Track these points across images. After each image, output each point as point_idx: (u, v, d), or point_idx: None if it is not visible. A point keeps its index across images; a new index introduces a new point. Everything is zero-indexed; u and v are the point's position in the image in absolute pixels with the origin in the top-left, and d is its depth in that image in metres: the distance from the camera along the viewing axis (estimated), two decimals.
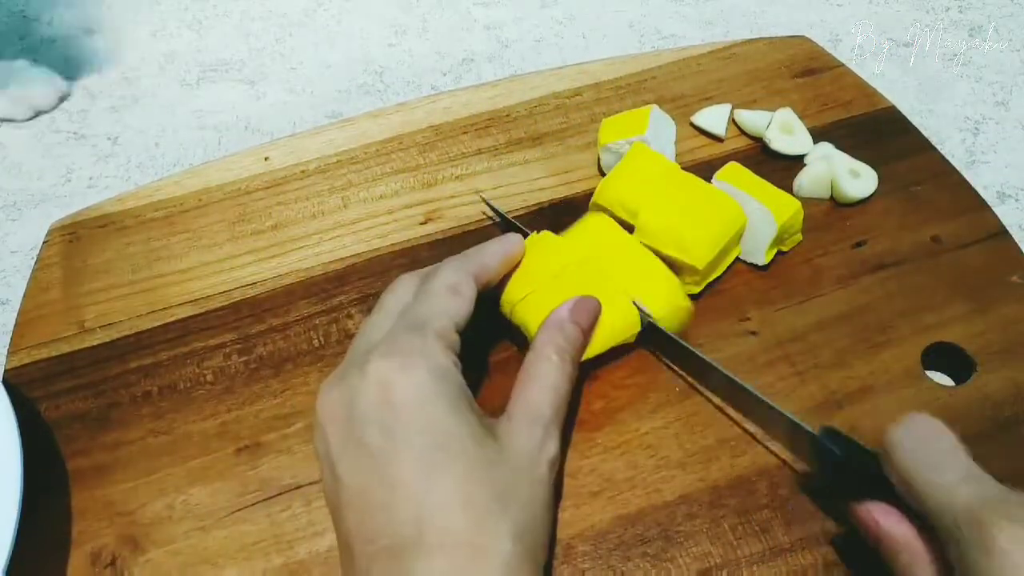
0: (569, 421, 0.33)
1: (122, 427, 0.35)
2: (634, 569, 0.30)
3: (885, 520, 0.26)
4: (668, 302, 0.34)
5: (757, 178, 0.38)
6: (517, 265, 0.34)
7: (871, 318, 0.37)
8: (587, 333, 0.32)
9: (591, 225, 0.36)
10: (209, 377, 0.36)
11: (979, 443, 0.26)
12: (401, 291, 0.32)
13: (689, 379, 0.35)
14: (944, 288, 0.37)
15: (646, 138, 0.40)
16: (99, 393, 0.36)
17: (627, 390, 0.35)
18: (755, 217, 0.37)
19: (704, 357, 0.33)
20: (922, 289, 0.38)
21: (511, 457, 0.27)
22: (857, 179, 0.41)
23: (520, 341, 0.35)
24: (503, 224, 0.41)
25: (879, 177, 0.41)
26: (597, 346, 0.32)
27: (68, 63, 0.58)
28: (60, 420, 0.35)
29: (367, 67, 0.57)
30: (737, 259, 0.38)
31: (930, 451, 0.25)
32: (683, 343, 0.33)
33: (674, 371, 0.35)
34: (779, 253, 0.39)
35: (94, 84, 0.57)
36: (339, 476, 0.27)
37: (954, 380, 0.35)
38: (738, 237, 0.37)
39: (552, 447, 0.28)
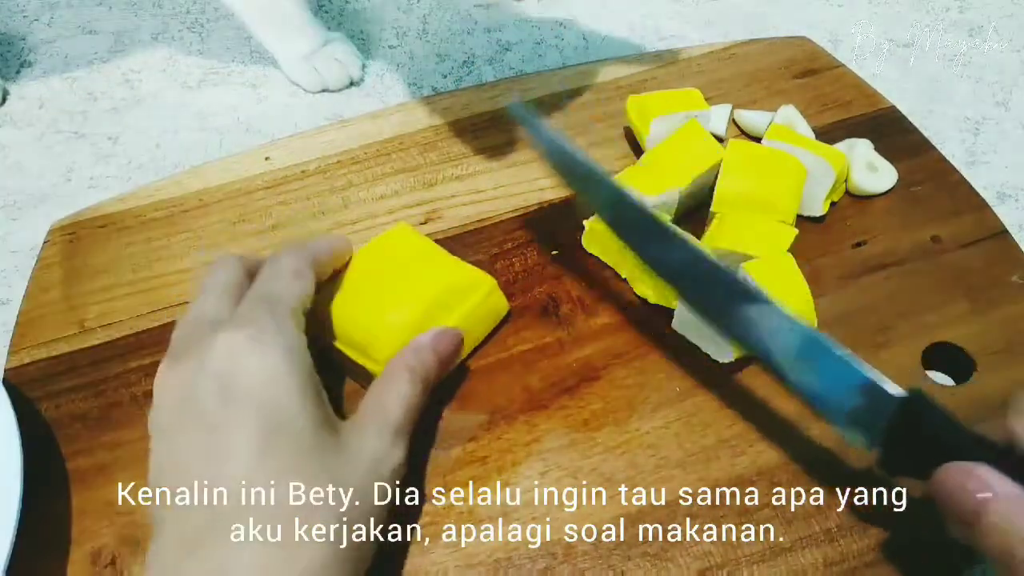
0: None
1: (122, 427, 0.35)
2: (634, 569, 0.30)
3: (1000, 483, 0.23)
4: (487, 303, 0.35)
5: (802, 135, 0.41)
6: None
7: (871, 318, 0.36)
8: (444, 363, 0.32)
9: (393, 236, 0.36)
10: None
11: None
12: (226, 273, 0.31)
13: (690, 379, 0.34)
14: (944, 288, 0.37)
15: (707, 114, 0.42)
16: (99, 393, 0.36)
17: (627, 390, 0.35)
18: (813, 168, 0.38)
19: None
20: (922, 289, 0.38)
21: (352, 455, 0.27)
22: (874, 173, 0.41)
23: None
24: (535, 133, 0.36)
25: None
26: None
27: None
28: (60, 420, 0.35)
29: (367, 69, 0.57)
30: None
31: None
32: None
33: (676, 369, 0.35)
34: None
35: (95, 85, 0.57)
36: (167, 448, 0.26)
37: (954, 380, 0.35)
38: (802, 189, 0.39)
39: (398, 454, 0.28)
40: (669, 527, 0.31)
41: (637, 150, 0.44)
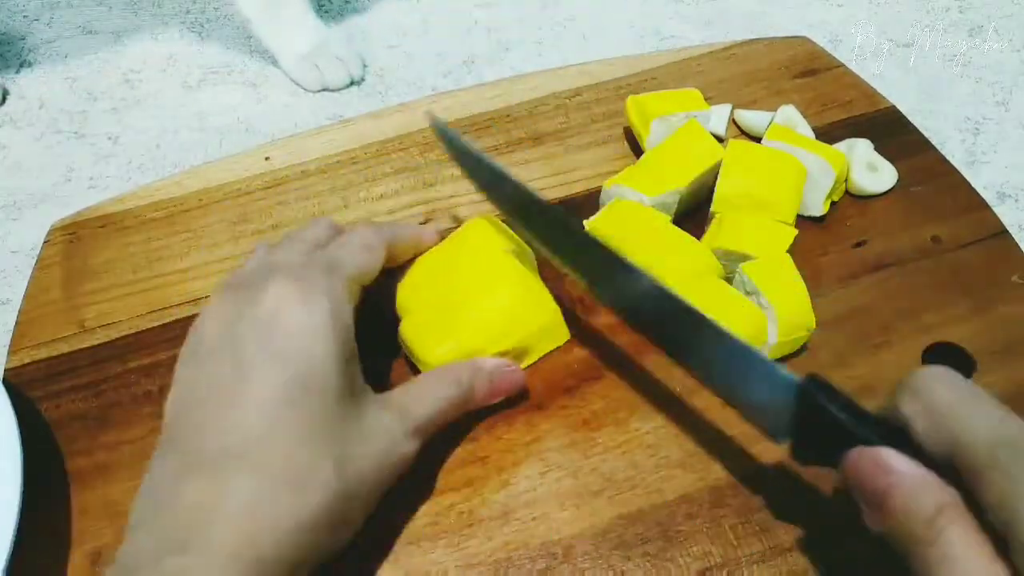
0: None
1: (122, 427, 0.35)
2: (634, 569, 0.30)
3: (902, 463, 0.23)
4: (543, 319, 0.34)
5: (802, 135, 0.40)
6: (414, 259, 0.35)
7: (871, 318, 0.36)
8: (494, 395, 0.32)
9: (475, 231, 0.36)
10: None
11: None
12: (319, 230, 0.33)
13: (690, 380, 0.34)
14: (944, 288, 0.37)
15: (706, 115, 0.41)
16: (99, 393, 0.36)
17: (627, 390, 0.35)
18: (813, 168, 0.38)
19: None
20: (922, 289, 0.37)
21: (367, 430, 0.27)
22: (874, 173, 0.41)
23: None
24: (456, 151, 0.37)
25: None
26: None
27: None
28: (60, 420, 0.35)
29: (368, 69, 0.57)
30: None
31: (966, 388, 0.24)
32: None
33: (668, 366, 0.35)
34: None
35: (95, 85, 0.57)
36: (195, 370, 0.27)
37: None
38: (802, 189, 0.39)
39: (410, 447, 0.29)
40: (669, 527, 0.31)
41: (637, 150, 0.44)
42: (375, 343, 0.31)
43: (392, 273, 0.35)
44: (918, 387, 0.24)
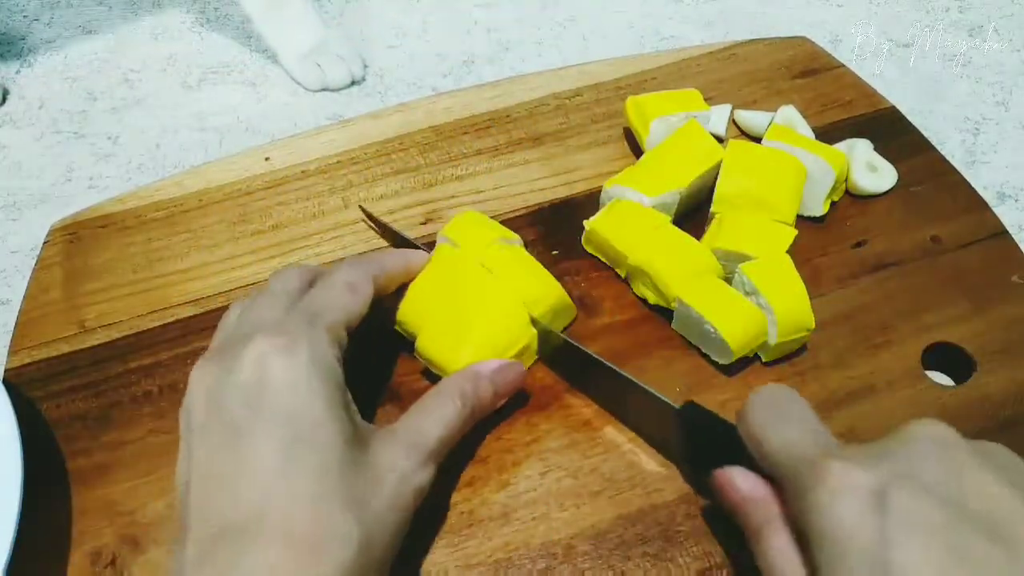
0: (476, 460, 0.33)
1: (122, 427, 0.35)
2: (634, 568, 0.30)
3: (743, 481, 0.27)
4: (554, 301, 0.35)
5: (802, 135, 0.40)
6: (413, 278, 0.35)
7: (871, 318, 0.37)
8: (500, 396, 0.32)
9: (458, 230, 0.36)
10: None
11: None
12: (289, 280, 0.31)
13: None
14: (944, 288, 0.37)
15: (707, 115, 0.41)
16: (99, 393, 0.36)
17: None
18: (813, 168, 0.38)
19: (581, 347, 0.33)
20: (922, 289, 0.38)
21: (378, 470, 0.26)
22: (874, 173, 0.41)
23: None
24: (393, 239, 0.40)
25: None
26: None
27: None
28: (60, 420, 0.35)
29: (368, 69, 0.57)
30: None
31: (781, 410, 0.27)
32: (568, 339, 0.34)
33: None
34: None
35: (95, 85, 0.57)
36: (194, 449, 0.26)
37: (954, 380, 0.35)
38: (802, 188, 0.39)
39: (424, 477, 0.28)
40: (669, 527, 0.31)
41: (637, 150, 0.44)
42: (382, 373, 0.31)
43: (388, 297, 0.34)
44: (744, 410, 0.27)
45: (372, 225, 0.41)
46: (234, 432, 0.25)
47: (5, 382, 0.34)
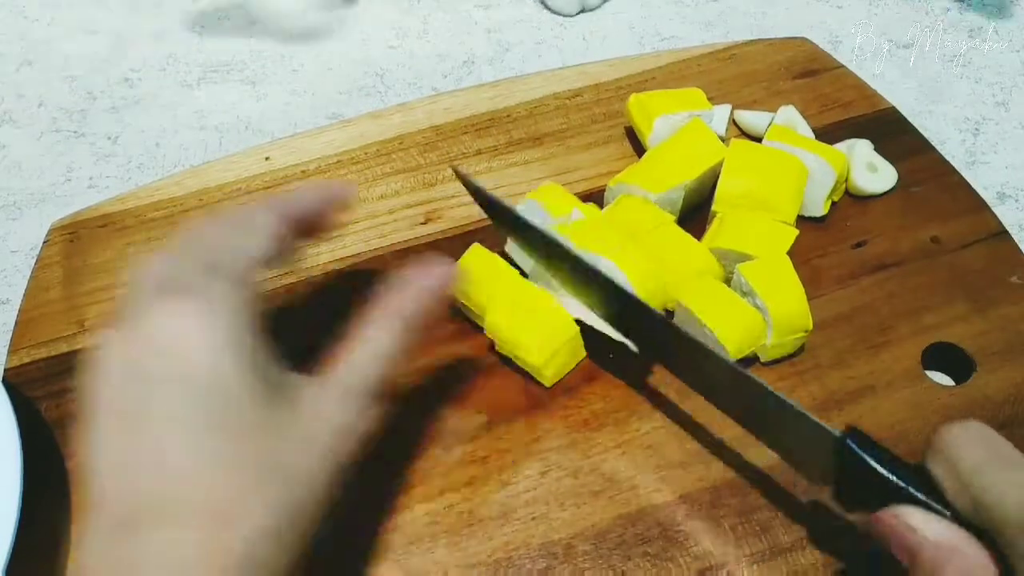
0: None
1: None
2: (634, 568, 0.30)
3: (926, 525, 0.23)
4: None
5: (802, 136, 0.40)
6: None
7: (871, 318, 0.37)
8: (436, 304, 0.28)
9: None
10: None
11: None
12: (184, 236, 0.28)
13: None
14: (944, 288, 0.38)
15: (710, 114, 0.41)
16: None
17: (627, 390, 0.35)
18: (814, 169, 0.38)
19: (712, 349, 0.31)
20: (922, 289, 0.38)
21: (307, 426, 0.24)
22: (874, 173, 0.41)
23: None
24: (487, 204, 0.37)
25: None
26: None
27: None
28: (60, 420, 0.35)
29: (368, 69, 0.57)
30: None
31: (994, 450, 0.24)
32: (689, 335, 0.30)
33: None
34: None
35: (94, 84, 0.57)
36: (92, 434, 0.23)
37: (954, 380, 0.35)
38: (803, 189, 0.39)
39: (364, 425, 0.25)
40: (669, 527, 0.31)
41: (638, 150, 0.44)
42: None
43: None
44: (945, 448, 0.24)
45: (467, 188, 0.36)
46: (131, 411, 0.23)
47: (5, 382, 0.34)
